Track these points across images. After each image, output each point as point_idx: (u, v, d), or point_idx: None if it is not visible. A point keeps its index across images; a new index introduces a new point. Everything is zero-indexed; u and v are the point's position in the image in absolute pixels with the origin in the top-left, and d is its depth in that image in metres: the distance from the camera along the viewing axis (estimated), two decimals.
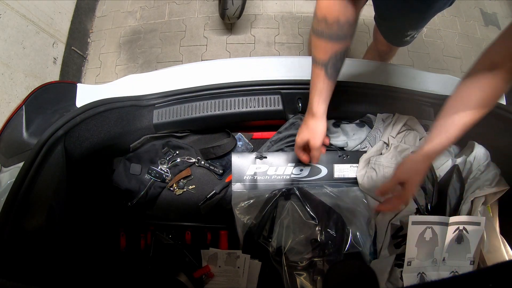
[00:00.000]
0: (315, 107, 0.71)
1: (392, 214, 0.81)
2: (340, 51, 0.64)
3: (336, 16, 0.59)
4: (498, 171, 0.81)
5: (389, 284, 0.75)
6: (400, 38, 1.12)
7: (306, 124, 0.75)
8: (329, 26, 0.60)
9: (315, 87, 0.69)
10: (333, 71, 0.66)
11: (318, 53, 0.64)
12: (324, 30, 0.61)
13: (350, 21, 0.60)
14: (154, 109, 0.89)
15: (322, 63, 0.64)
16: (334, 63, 0.65)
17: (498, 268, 0.31)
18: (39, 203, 0.68)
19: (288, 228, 0.83)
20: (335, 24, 0.59)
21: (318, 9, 0.60)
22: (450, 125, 0.62)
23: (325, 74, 0.66)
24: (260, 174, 0.89)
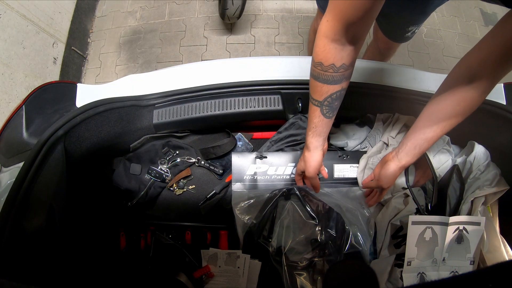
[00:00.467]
0: (309, 141, 0.75)
1: (392, 214, 0.81)
2: (336, 92, 0.65)
3: (331, 61, 0.60)
4: (498, 171, 0.81)
5: (389, 284, 0.75)
6: (401, 34, 1.13)
7: (303, 155, 0.79)
8: (324, 70, 0.61)
9: (311, 122, 0.72)
10: (328, 109, 0.68)
11: (314, 94, 0.67)
12: (320, 74, 0.62)
13: (345, 65, 0.61)
14: (154, 109, 0.89)
15: (318, 103, 0.67)
16: (329, 102, 0.67)
17: (498, 268, 0.31)
18: (39, 203, 0.68)
19: (288, 228, 0.83)
20: (330, 69, 0.61)
21: (315, 53, 0.61)
22: (424, 141, 0.69)
23: (320, 111, 0.68)
24: (260, 174, 0.89)
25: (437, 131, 0.67)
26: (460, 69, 0.61)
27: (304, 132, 0.92)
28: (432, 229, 0.72)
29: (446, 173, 0.84)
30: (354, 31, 0.56)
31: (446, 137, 0.88)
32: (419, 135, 0.69)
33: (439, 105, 0.66)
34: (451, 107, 0.64)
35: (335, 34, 0.57)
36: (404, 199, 0.83)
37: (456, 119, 0.65)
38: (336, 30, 0.56)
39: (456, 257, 0.74)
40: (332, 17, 0.56)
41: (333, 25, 0.56)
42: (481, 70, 0.57)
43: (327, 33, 0.57)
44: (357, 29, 0.56)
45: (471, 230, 0.73)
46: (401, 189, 0.84)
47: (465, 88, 0.60)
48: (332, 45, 0.58)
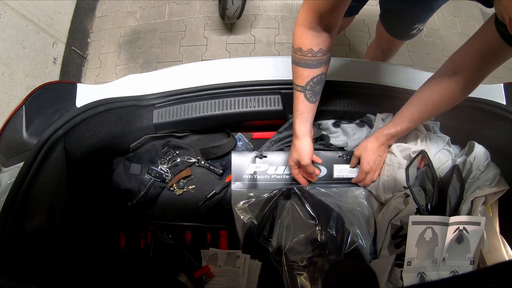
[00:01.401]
0: (297, 128, 0.77)
1: (392, 214, 0.81)
2: (317, 76, 0.70)
3: (309, 47, 0.66)
4: (498, 171, 0.81)
5: (389, 284, 0.75)
6: (407, 32, 1.14)
7: (293, 145, 0.81)
8: (304, 55, 0.67)
9: (297, 109, 0.75)
10: (311, 94, 0.72)
11: (296, 79, 0.71)
12: (300, 59, 0.68)
13: (323, 50, 0.67)
14: (154, 109, 0.89)
15: (301, 88, 0.71)
16: (311, 87, 0.71)
17: (498, 268, 0.31)
18: (39, 203, 0.68)
19: (288, 228, 0.83)
20: (309, 53, 0.66)
21: (294, 40, 0.67)
22: (398, 117, 0.77)
23: (304, 97, 0.72)
24: (260, 173, 0.89)
25: (413, 112, 0.74)
26: (446, 64, 0.68)
27: None
28: (432, 229, 0.72)
29: (446, 173, 0.84)
30: (327, 20, 0.63)
31: (446, 137, 0.88)
32: (398, 113, 0.77)
33: (420, 90, 0.73)
34: (430, 93, 0.71)
35: (310, 23, 0.63)
36: (405, 199, 0.83)
37: (433, 106, 0.72)
38: (310, 20, 0.63)
39: (456, 257, 0.74)
40: (307, 8, 0.63)
41: (307, 15, 0.63)
42: (463, 66, 0.64)
43: (303, 22, 0.64)
44: (329, 19, 0.63)
45: (471, 230, 0.73)
46: (402, 189, 0.84)
47: (447, 80, 0.67)
48: (308, 32, 0.65)
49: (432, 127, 0.90)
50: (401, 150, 0.86)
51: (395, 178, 0.85)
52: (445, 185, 0.78)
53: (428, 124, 0.90)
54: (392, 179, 0.85)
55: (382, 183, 0.85)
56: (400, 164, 0.85)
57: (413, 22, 1.07)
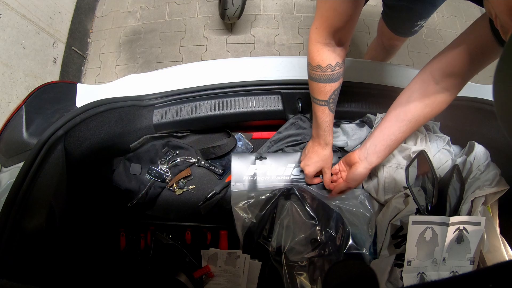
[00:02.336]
0: (327, 138, 0.79)
1: (392, 214, 0.81)
2: (337, 88, 0.72)
3: (327, 62, 0.67)
4: (498, 171, 0.81)
5: (389, 284, 0.75)
6: (409, 29, 1.15)
7: (317, 154, 0.82)
8: (323, 71, 0.68)
9: (323, 121, 0.76)
10: (333, 105, 0.75)
11: (319, 95, 0.72)
12: (321, 76, 0.69)
13: (339, 63, 0.68)
14: (154, 109, 0.89)
15: (325, 102, 0.73)
16: (333, 99, 0.73)
17: (498, 268, 0.31)
18: (39, 203, 0.68)
19: (288, 228, 0.83)
20: (328, 69, 0.68)
21: (311, 59, 0.68)
22: (391, 142, 0.73)
23: (328, 109, 0.74)
24: (260, 174, 0.89)
25: (406, 132, 0.72)
26: (428, 73, 0.66)
27: (305, 132, 0.92)
28: (432, 229, 0.72)
29: (446, 173, 0.84)
30: (341, 35, 0.64)
31: (446, 137, 0.88)
32: (389, 136, 0.73)
33: (407, 106, 0.70)
34: (420, 109, 0.69)
35: (325, 39, 0.65)
36: (405, 199, 0.83)
37: (425, 119, 0.70)
38: (325, 36, 0.64)
39: (456, 257, 0.74)
40: (320, 24, 0.63)
41: (322, 32, 0.64)
42: (455, 69, 0.62)
43: (318, 39, 0.65)
44: (343, 33, 0.64)
45: (471, 230, 0.73)
46: (402, 189, 0.84)
47: (434, 89, 0.66)
48: (325, 48, 0.66)
49: (432, 127, 0.90)
50: (400, 150, 0.86)
51: (395, 179, 0.85)
52: (445, 185, 0.78)
53: (428, 124, 0.90)
54: (392, 180, 0.85)
55: (382, 184, 0.85)
56: (400, 165, 0.85)
57: (415, 18, 1.08)
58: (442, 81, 0.65)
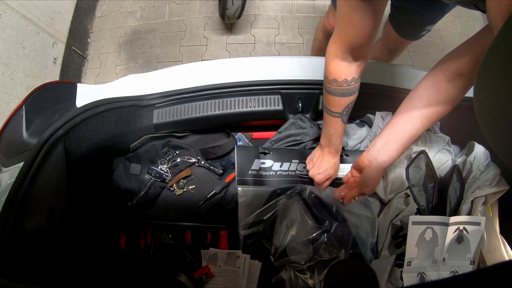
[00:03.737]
0: (339, 146, 0.81)
1: (393, 215, 0.81)
2: (352, 102, 0.73)
3: (343, 77, 0.68)
4: (498, 171, 0.81)
5: (389, 284, 0.75)
6: (417, 33, 1.16)
7: (328, 162, 0.82)
8: (339, 85, 0.69)
9: (336, 132, 0.77)
10: (346, 117, 0.76)
11: (334, 108, 0.73)
12: (336, 90, 0.70)
13: (355, 78, 0.69)
14: (154, 109, 0.89)
15: (338, 114, 0.74)
16: (347, 112, 0.74)
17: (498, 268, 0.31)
18: (39, 203, 0.68)
19: (289, 227, 0.83)
20: (344, 83, 0.68)
21: (328, 72, 0.69)
22: (405, 139, 0.70)
23: (341, 121, 0.75)
24: (265, 169, 0.89)
25: (420, 129, 0.69)
26: (441, 68, 0.65)
27: (305, 132, 0.92)
28: (432, 229, 0.72)
29: (446, 173, 0.84)
30: (358, 51, 0.64)
31: (446, 137, 0.88)
32: (402, 133, 0.69)
33: (420, 102, 0.68)
34: (433, 105, 0.66)
35: (343, 54, 0.65)
36: (405, 199, 0.83)
37: (438, 116, 0.67)
38: (343, 51, 0.64)
39: (456, 257, 0.74)
40: (338, 40, 0.64)
41: (340, 47, 0.64)
42: (464, 70, 0.62)
43: (337, 54, 0.66)
44: (361, 49, 0.64)
45: (471, 230, 0.73)
46: (405, 189, 0.85)
47: (446, 86, 0.65)
48: (342, 63, 0.66)
49: (432, 127, 0.90)
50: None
51: (402, 179, 0.84)
52: (445, 185, 0.78)
53: None
54: (400, 180, 0.85)
55: (390, 184, 0.85)
56: (404, 164, 0.85)
57: (424, 23, 1.08)
58: (453, 80, 0.64)
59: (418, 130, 0.68)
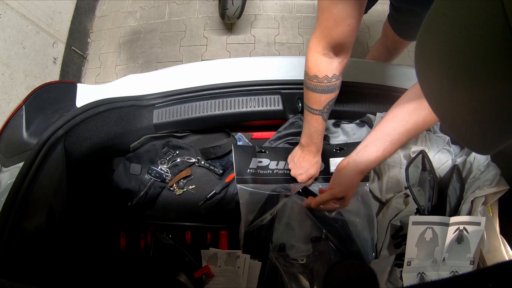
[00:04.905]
0: (320, 145, 0.81)
1: (392, 214, 0.81)
2: (332, 99, 0.72)
3: (324, 73, 0.67)
4: (498, 171, 0.81)
5: (389, 284, 0.75)
6: (416, 33, 1.14)
7: (309, 161, 0.83)
8: (320, 82, 0.68)
9: (317, 130, 0.76)
10: (327, 115, 0.75)
11: (314, 105, 0.72)
12: (317, 86, 0.69)
13: (336, 75, 0.68)
14: (154, 109, 0.89)
15: (319, 112, 0.73)
16: (328, 109, 0.73)
17: (498, 268, 0.31)
18: (39, 203, 0.68)
19: (289, 226, 0.83)
20: (324, 80, 0.67)
21: (308, 68, 0.68)
22: (387, 142, 0.67)
23: (322, 119, 0.74)
24: (262, 168, 0.89)
25: (403, 134, 0.66)
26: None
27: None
28: (432, 229, 0.72)
29: (446, 173, 0.84)
30: (340, 46, 0.63)
31: (446, 137, 0.88)
32: (383, 137, 0.67)
33: (406, 108, 0.65)
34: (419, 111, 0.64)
35: (324, 49, 0.64)
36: (405, 199, 0.83)
37: (424, 124, 0.64)
38: (324, 46, 0.63)
39: (456, 257, 0.74)
40: (319, 34, 0.63)
41: (320, 42, 0.63)
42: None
43: (317, 49, 0.65)
44: (342, 45, 0.63)
45: (471, 230, 0.73)
46: (403, 189, 0.85)
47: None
48: (323, 59, 0.65)
49: (432, 127, 0.90)
50: (402, 149, 0.86)
51: (398, 179, 0.85)
52: (445, 185, 0.78)
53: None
54: (395, 180, 0.85)
55: (385, 183, 0.85)
56: (402, 164, 0.85)
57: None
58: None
59: (401, 135, 0.65)
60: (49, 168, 0.70)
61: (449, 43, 0.22)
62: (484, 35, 0.19)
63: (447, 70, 0.23)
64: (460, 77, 0.22)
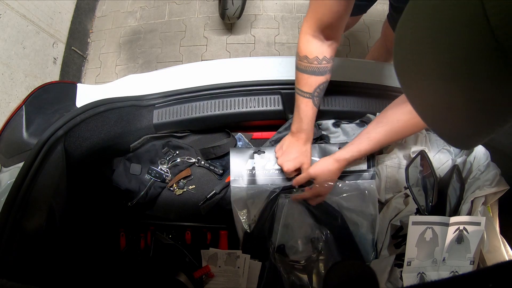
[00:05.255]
0: (310, 133, 0.79)
1: (392, 214, 0.81)
2: (323, 83, 0.73)
3: (314, 54, 0.68)
4: (498, 171, 0.81)
5: (389, 284, 0.75)
6: None
7: (298, 149, 0.81)
8: (310, 63, 0.69)
9: (306, 115, 0.76)
10: (318, 100, 0.75)
11: (304, 86, 0.73)
12: (307, 67, 0.70)
13: (327, 58, 0.69)
14: (154, 109, 0.89)
15: (309, 94, 0.73)
16: (318, 93, 0.73)
17: (498, 268, 0.31)
18: (39, 203, 0.68)
19: (288, 226, 0.83)
20: (315, 61, 0.69)
21: (299, 49, 0.70)
22: (363, 139, 0.73)
23: (312, 103, 0.74)
24: (259, 168, 0.89)
25: (381, 133, 0.71)
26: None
27: None
28: (432, 229, 0.72)
29: (446, 173, 0.84)
30: (329, 30, 0.66)
31: None
32: (363, 133, 0.74)
33: (390, 110, 0.70)
34: (401, 114, 0.68)
35: (314, 32, 0.66)
36: (405, 199, 0.83)
37: (405, 127, 0.69)
38: (314, 29, 0.66)
39: (456, 257, 0.74)
40: (310, 18, 0.66)
41: (311, 25, 0.66)
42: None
43: (308, 31, 0.67)
44: (332, 28, 0.65)
45: (471, 230, 0.73)
46: (402, 189, 0.84)
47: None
48: (313, 40, 0.68)
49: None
50: (401, 150, 0.86)
51: (397, 179, 0.85)
52: (445, 185, 0.78)
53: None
54: (393, 180, 0.85)
55: (383, 183, 0.85)
56: (400, 164, 0.85)
57: None
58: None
59: (379, 134, 0.71)
60: (49, 168, 0.70)
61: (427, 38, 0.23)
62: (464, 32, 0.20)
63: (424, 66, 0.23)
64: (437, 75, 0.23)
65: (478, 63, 0.20)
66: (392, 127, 0.69)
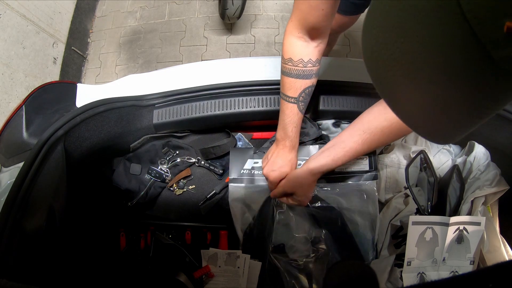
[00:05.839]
0: (295, 140, 0.75)
1: (392, 214, 0.81)
2: (308, 87, 0.69)
3: (299, 57, 0.65)
4: (498, 171, 0.81)
5: (389, 284, 0.75)
6: None
7: (283, 158, 0.77)
8: (295, 65, 0.67)
9: (291, 121, 0.72)
10: (304, 106, 0.71)
11: (288, 91, 0.70)
12: (292, 70, 0.67)
13: (312, 61, 0.66)
14: (154, 109, 0.89)
15: (294, 99, 0.70)
16: (304, 98, 0.70)
17: (498, 268, 0.31)
18: (39, 203, 0.68)
19: (288, 226, 0.83)
20: (299, 63, 0.66)
21: (284, 51, 0.67)
22: (339, 149, 0.68)
23: (297, 108, 0.71)
24: (258, 168, 0.89)
25: (358, 142, 0.67)
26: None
27: (304, 131, 0.92)
28: (432, 229, 0.72)
29: (446, 173, 0.84)
30: (314, 31, 0.63)
31: None
32: (338, 141, 0.69)
33: (366, 117, 0.67)
34: (377, 121, 0.64)
35: (299, 32, 0.64)
36: (405, 199, 0.83)
37: (382, 134, 0.65)
38: (298, 29, 0.63)
39: (456, 257, 0.74)
40: (295, 17, 0.63)
41: (296, 25, 0.63)
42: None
43: (292, 32, 0.64)
44: (317, 30, 0.63)
45: (471, 230, 0.73)
46: (402, 189, 0.84)
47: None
48: (298, 42, 0.65)
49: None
50: (401, 150, 0.86)
51: (396, 179, 0.85)
52: (445, 185, 0.78)
53: None
54: (393, 180, 0.85)
55: (383, 184, 0.85)
56: (400, 164, 0.85)
57: None
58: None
59: (356, 143, 0.67)
60: (49, 168, 0.70)
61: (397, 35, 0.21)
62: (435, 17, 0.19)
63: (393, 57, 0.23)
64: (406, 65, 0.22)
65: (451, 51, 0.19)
66: (368, 136, 0.66)
